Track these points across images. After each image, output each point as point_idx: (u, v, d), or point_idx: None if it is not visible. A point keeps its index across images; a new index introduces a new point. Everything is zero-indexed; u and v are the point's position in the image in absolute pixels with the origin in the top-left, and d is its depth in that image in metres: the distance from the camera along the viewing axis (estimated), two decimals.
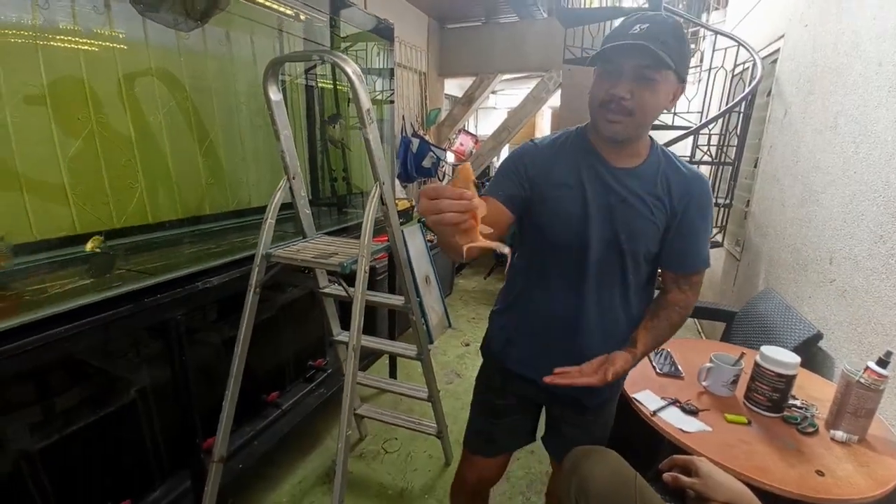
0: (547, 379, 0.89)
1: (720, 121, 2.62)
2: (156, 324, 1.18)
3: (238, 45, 1.93)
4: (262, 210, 2.04)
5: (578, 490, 0.79)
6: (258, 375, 1.75)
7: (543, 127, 8.90)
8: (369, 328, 1.61)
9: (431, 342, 2.94)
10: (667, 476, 0.86)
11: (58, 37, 1.35)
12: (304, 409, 1.91)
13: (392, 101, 2.49)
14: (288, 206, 1.44)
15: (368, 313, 1.27)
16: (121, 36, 1.50)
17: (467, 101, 4.89)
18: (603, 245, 0.95)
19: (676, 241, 0.97)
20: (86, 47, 1.41)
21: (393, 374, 2.43)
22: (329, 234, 1.63)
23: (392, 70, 2.45)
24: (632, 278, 0.99)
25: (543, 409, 1.20)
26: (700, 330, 3.32)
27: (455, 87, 6.39)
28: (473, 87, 4.83)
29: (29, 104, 1.30)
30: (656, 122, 2.80)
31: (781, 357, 1.24)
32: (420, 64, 4.25)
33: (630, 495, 0.78)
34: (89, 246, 1.33)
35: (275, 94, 1.26)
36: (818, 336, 1.64)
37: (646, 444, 1.26)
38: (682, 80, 0.90)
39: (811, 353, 1.65)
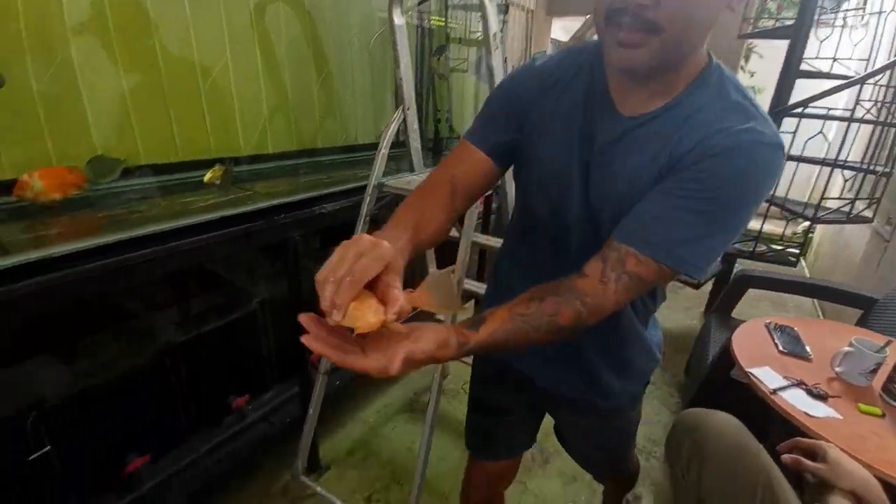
0: (304, 339, 0.49)
1: (890, 72, 2.17)
2: (279, 241, 1.28)
3: None
4: (368, 147, 2.10)
5: (693, 449, 0.75)
6: None
7: None
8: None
9: None
10: (787, 458, 0.81)
11: None
12: None
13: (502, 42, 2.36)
14: (392, 145, 1.45)
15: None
16: None
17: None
18: (583, 224, 0.69)
19: (644, 202, 0.61)
20: None
21: None
22: None
23: (507, 5, 2.31)
24: None
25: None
26: (821, 315, 2.96)
27: (560, 30, 5.94)
28: (584, 27, 4.44)
29: (174, 36, 1.40)
30: (805, 67, 2.43)
31: None
32: (528, 0, 3.97)
33: (751, 468, 0.72)
34: (208, 176, 1.45)
35: (398, 18, 1.23)
36: None
37: (756, 424, 1.18)
38: None
39: None
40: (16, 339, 1.02)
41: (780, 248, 2.48)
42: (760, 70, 4.29)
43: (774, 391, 1.11)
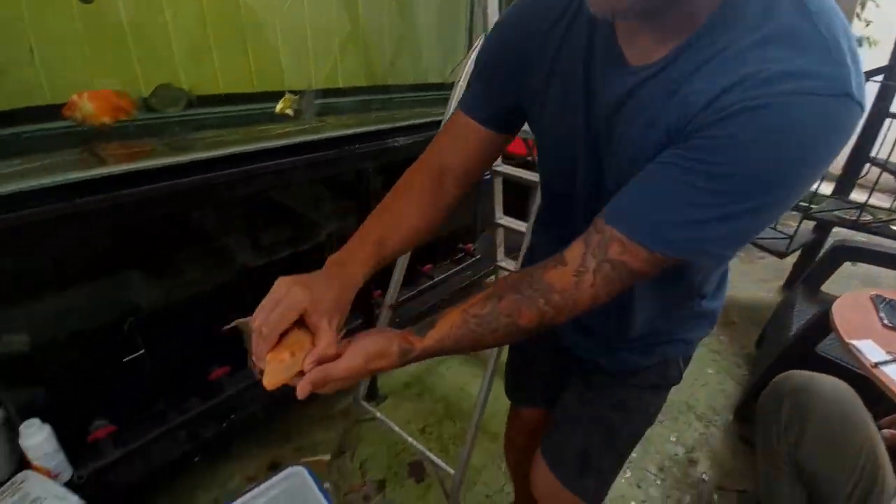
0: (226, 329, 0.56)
1: None
2: (352, 172, 1.28)
3: None
4: (437, 87, 2.04)
5: (795, 410, 0.70)
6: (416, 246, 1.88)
7: None
8: (522, 215, 1.57)
9: None
10: (887, 432, 0.77)
11: None
12: (449, 286, 2.03)
13: None
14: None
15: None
16: None
17: None
18: (593, 202, 0.57)
19: (642, 174, 0.47)
20: None
21: None
22: None
23: None
24: None
25: None
26: None
27: None
28: None
29: None
30: None
31: None
32: None
33: (859, 436, 0.66)
34: (279, 106, 1.43)
35: None
36: None
37: None
38: None
39: None
40: (116, 250, 1.11)
41: (884, 219, 2.23)
42: (877, 20, 3.72)
43: (876, 365, 1.01)
